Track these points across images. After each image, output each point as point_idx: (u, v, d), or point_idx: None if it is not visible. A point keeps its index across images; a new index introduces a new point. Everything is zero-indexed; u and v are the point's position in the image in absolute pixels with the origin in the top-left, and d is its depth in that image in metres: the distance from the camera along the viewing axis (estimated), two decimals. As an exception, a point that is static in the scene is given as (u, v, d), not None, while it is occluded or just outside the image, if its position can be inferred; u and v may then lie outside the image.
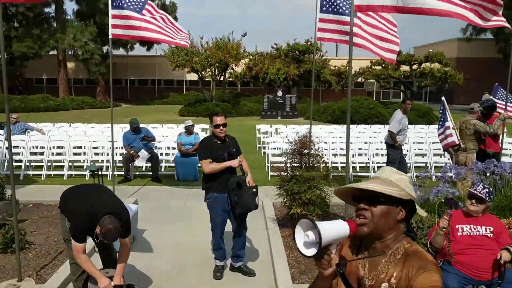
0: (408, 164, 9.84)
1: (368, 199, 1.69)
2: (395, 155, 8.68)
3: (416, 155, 10.77)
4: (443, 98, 8.03)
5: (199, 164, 9.28)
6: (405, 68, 27.23)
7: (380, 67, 27.39)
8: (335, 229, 1.57)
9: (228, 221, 5.00)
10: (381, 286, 1.67)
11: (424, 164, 10.42)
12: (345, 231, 1.60)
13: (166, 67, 27.06)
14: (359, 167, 10.54)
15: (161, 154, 10.51)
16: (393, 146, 8.62)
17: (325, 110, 22.91)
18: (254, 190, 4.81)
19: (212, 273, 4.98)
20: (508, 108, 7.56)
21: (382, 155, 10.30)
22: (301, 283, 4.74)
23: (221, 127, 4.86)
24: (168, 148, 10.95)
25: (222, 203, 4.82)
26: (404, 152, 10.28)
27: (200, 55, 25.61)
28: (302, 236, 1.58)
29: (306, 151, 6.04)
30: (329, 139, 11.01)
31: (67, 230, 4.05)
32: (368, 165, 10.21)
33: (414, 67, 26.51)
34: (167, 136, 11.47)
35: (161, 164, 10.27)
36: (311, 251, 1.56)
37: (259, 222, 6.72)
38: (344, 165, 10.22)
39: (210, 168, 4.80)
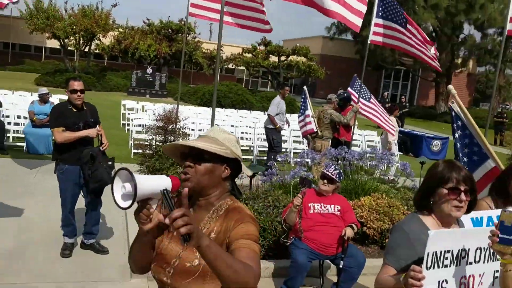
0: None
1: (194, 156, 1.69)
2: (278, 138, 8.97)
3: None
4: (304, 87, 8.49)
5: (52, 138, 8.62)
6: (273, 58, 28.34)
7: (250, 55, 28.10)
8: (154, 183, 1.53)
9: (81, 197, 4.65)
10: None
11: (284, 150, 10.96)
12: (166, 186, 1.56)
13: (23, 28, 24.36)
14: (242, 150, 10.66)
15: (9, 123, 9.43)
16: (275, 130, 8.89)
17: (195, 92, 22.81)
18: (110, 163, 4.54)
19: (60, 251, 4.60)
20: (360, 102, 8.25)
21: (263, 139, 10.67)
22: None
23: (79, 93, 4.46)
24: (18, 117, 9.85)
25: (74, 175, 4.44)
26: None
27: (63, 20, 23.57)
28: (120, 188, 1.52)
29: (171, 126, 5.89)
30: (196, 119, 10.97)
31: None
32: (251, 148, 10.43)
33: (282, 58, 27.74)
34: (17, 104, 10.33)
35: (8, 135, 9.22)
36: (127, 203, 1.50)
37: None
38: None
39: (63, 137, 4.39)
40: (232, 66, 31.06)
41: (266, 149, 9.73)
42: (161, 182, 1.55)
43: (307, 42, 33.36)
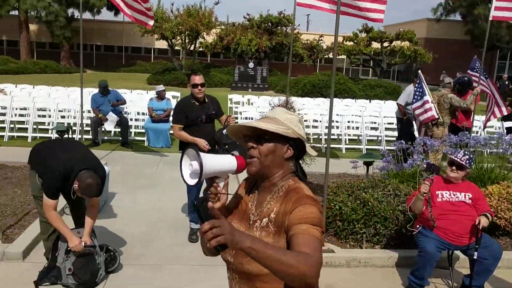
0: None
1: (256, 137, 1.69)
2: (405, 128, 8.31)
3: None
4: (419, 72, 8.00)
5: (171, 131, 9.15)
6: (376, 45, 27.38)
7: (351, 43, 27.43)
8: (220, 161, 1.59)
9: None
10: (261, 221, 1.69)
11: (376, 137, 10.68)
12: (232, 165, 1.61)
13: (135, 32, 26.19)
14: (349, 139, 10.55)
15: (131, 119, 10.20)
16: (402, 119, 8.28)
17: (296, 83, 22.83)
18: (227, 147, 4.67)
19: (188, 236, 4.88)
20: (481, 84, 7.64)
21: (372, 128, 10.58)
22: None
23: (199, 87, 4.67)
24: (138, 113, 10.65)
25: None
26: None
27: (170, 21, 24.92)
28: (188, 166, 1.60)
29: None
30: (303, 110, 10.96)
31: (38, 186, 3.83)
32: (360, 138, 10.26)
33: (385, 44, 26.69)
34: (136, 101, 11.12)
35: (130, 130, 9.98)
36: (194, 181, 1.58)
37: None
38: (322, 136, 10.24)
39: (178, 135, 4.69)
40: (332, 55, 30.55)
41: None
42: (226, 162, 1.61)
43: (410, 26, 31.75)
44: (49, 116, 10.09)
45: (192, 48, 27.21)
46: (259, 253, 1.38)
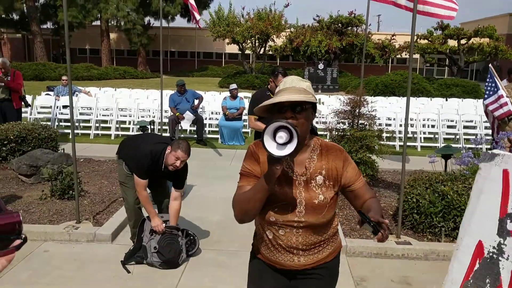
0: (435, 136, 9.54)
1: (292, 108, 1.80)
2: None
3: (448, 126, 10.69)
4: (490, 65, 7.62)
5: (243, 130, 9.39)
6: (452, 43, 26.23)
7: (426, 41, 26.48)
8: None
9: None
10: (316, 179, 1.88)
11: (453, 136, 10.33)
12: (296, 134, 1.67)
13: (207, 36, 27.03)
14: (424, 138, 10.33)
15: (205, 118, 10.57)
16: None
17: (368, 84, 22.40)
18: None
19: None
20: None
21: (448, 127, 10.35)
22: (353, 238, 4.71)
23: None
24: (212, 113, 11.02)
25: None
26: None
27: (241, 25, 25.43)
28: (271, 140, 1.64)
29: (358, 110, 5.91)
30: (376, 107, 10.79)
31: (125, 173, 4.16)
32: (436, 136, 10.01)
33: (462, 41, 25.49)
34: (210, 102, 11.50)
35: (205, 129, 10.34)
36: (287, 150, 1.62)
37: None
38: (396, 135, 10.03)
39: (253, 125, 4.82)
40: (405, 55, 29.63)
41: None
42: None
43: (491, 23, 30.07)
44: (130, 116, 10.71)
45: (262, 51, 27.58)
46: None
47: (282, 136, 1.63)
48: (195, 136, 9.75)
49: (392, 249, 4.45)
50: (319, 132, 9.45)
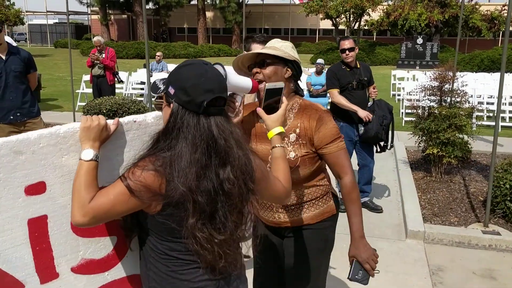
0: None
1: (259, 64, 1.93)
2: None
3: None
4: None
5: (327, 107, 9.14)
6: None
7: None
8: (240, 78, 1.81)
9: (355, 155, 4.74)
10: (289, 137, 1.94)
11: None
12: (248, 84, 1.80)
13: (299, 13, 26.62)
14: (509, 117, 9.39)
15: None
16: None
17: (471, 59, 20.69)
18: (385, 121, 4.46)
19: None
20: None
21: None
22: (433, 224, 4.36)
23: (347, 52, 4.49)
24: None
25: (349, 132, 4.56)
26: None
27: (335, 0, 24.67)
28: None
29: (447, 86, 5.41)
30: (475, 84, 9.91)
31: None
32: None
33: None
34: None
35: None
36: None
37: (389, 163, 6.37)
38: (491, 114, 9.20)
39: (337, 100, 4.55)
40: (518, 27, 26.76)
41: None
42: (245, 80, 1.81)
43: None
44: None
45: (356, 26, 26.57)
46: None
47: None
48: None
49: (477, 238, 4.05)
50: (406, 111, 8.94)
